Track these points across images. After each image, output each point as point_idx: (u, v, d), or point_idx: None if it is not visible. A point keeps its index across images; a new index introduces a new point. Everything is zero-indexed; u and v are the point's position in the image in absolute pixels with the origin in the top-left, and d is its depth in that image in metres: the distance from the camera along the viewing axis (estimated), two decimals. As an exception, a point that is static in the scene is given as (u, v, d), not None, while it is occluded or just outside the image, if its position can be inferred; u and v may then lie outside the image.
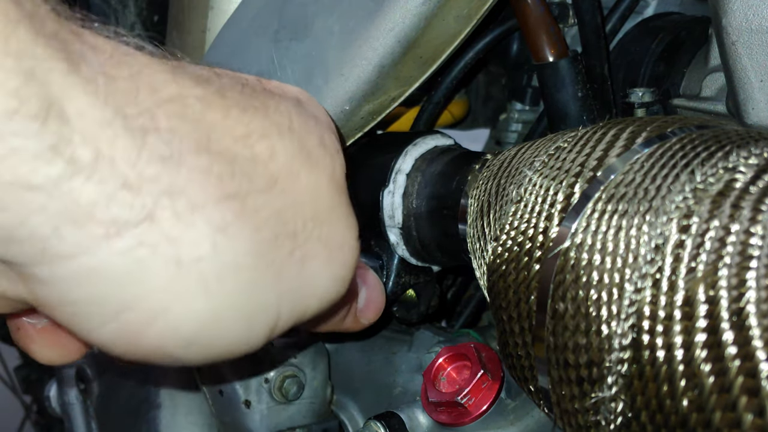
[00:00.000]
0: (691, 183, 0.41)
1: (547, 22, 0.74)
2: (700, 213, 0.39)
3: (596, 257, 0.42)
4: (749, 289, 0.35)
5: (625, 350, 0.40)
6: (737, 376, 0.35)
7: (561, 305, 0.43)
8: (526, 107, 0.97)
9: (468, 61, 0.80)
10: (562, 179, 0.46)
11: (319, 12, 0.68)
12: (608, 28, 0.80)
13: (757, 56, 0.58)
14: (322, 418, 0.77)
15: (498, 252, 0.49)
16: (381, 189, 0.68)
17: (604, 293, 0.41)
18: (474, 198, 0.57)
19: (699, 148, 0.43)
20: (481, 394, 0.64)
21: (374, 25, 0.65)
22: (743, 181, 0.39)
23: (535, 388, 0.47)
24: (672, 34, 0.79)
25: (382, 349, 0.79)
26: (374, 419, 0.67)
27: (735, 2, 0.58)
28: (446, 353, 0.68)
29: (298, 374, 0.74)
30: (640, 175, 0.43)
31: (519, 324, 0.47)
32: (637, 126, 0.47)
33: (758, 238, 0.36)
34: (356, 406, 0.79)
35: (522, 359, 0.47)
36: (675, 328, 0.37)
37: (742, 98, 0.60)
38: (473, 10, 0.67)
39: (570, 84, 0.74)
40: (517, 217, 0.48)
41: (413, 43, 0.65)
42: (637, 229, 0.41)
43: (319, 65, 0.68)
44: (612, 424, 0.41)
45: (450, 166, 0.65)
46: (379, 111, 0.70)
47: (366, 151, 0.72)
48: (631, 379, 0.40)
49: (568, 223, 0.44)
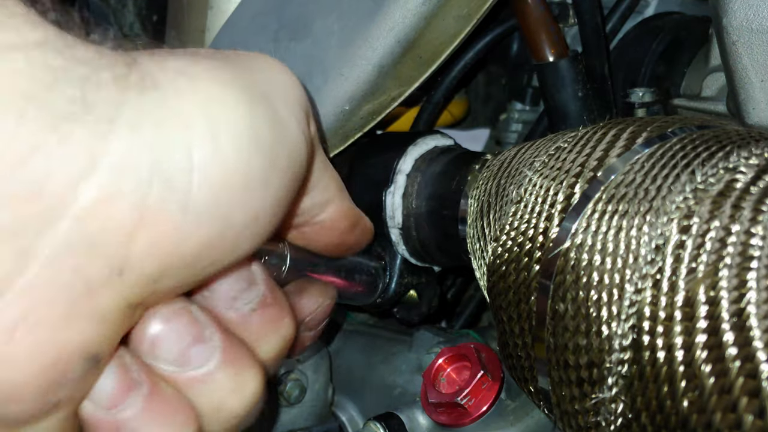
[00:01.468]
0: (692, 183, 0.41)
1: (547, 22, 0.74)
2: (701, 213, 0.39)
3: (596, 258, 0.42)
4: (750, 290, 0.35)
5: (626, 351, 0.40)
6: (738, 377, 0.35)
7: (561, 306, 0.43)
8: (526, 107, 0.97)
9: (468, 61, 0.80)
10: (562, 179, 0.46)
11: (319, 12, 0.68)
12: (608, 28, 0.80)
13: (757, 56, 0.58)
14: (322, 420, 0.77)
15: (498, 252, 0.49)
16: (383, 189, 0.68)
17: (605, 294, 0.41)
18: (474, 198, 0.57)
19: (699, 149, 0.43)
20: (481, 395, 0.64)
21: (374, 25, 0.65)
22: (744, 181, 0.39)
23: (535, 388, 0.47)
24: (672, 34, 0.79)
25: (382, 349, 0.79)
26: (374, 420, 0.67)
27: (735, 2, 0.58)
28: (446, 354, 0.68)
29: (301, 378, 0.74)
30: (640, 176, 0.43)
31: (519, 325, 0.47)
32: (637, 126, 0.47)
33: (759, 238, 0.36)
34: (356, 407, 0.79)
35: (522, 360, 0.47)
36: (675, 328, 0.37)
37: (742, 98, 0.60)
38: (473, 10, 0.67)
39: (570, 84, 0.74)
40: (517, 218, 0.48)
41: (413, 43, 0.65)
42: (637, 230, 0.41)
43: (319, 65, 0.68)
44: (612, 425, 0.41)
45: (450, 167, 0.65)
46: (379, 111, 0.70)
47: (366, 151, 0.72)
48: (632, 380, 0.40)
49: (569, 224, 0.44)
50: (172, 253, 0.35)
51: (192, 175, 0.35)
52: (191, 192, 0.35)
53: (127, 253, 0.34)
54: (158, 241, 0.34)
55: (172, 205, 0.34)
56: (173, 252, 0.35)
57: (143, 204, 0.33)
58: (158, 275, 0.35)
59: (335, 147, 0.70)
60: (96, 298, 0.34)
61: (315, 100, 0.68)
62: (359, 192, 0.71)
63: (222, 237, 0.36)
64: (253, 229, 0.38)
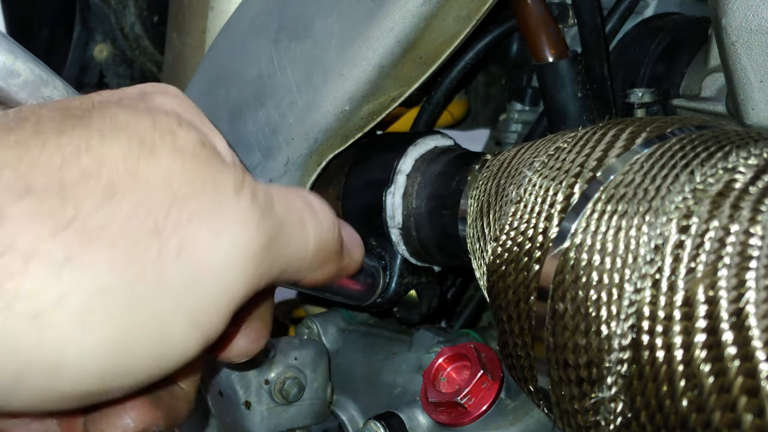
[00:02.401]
0: (691, 183, 0.41)
1: (547, 22, 0.74)
2: (700, 213, 0.39)
3: (596, 257, 0.42)
4: (749, 290, 0.35)
5: (625, 350, 0.40)
6: (737, 376, 0.35)
7: (561, 305, 0.43)
8: (526, 107, 0.97)
9: (468, 62, 0.80)
10: (561, 180, 0.46)
11: (319, 12, 0.68)
12: (608, 28, 0.80)
13: (756, 56, 0.58)
14: (322, 419, 0.77)
15: (498, 252, 0.49)
16: (383, 189, 0.68)
17: (604, 293, 0.41)
18: (474, 198, 0.57)
19: (699, 149, 0.43)
20: (481, 395, 0.64)
21: (374, 25, 0.65)
22: (743, 181, 0.39)
23: (534, 388, 0.47)
24: (672, 35, 0.79)
25: (382, 349, 0.79)
26: (374, 419, 0.67)
27: (735, 3, 0.58)
28: (446, 353, 0.68)
29: (299, 375, 0.74)
30: (639, 176, 0.43)
31: (519, 324, 0.47)
32: (636, 126, 0.47)
33: (758, 238, 0.36)
34: (356, 407, 0.79)
35: (522, 359, 0.47)
36: (674, 328, 0.37)
37: (741, 98, 0.60)
38: (473, 10, 0.67)
39: (570, 84, 0.74)
40: (517, 218, 0.48)
41: (413, 43, 0.65)
42: (636, 230, 0.41)
43: (319, 66, 0.68)
44: (612, 424, 0.41)
45: (450, 167, 0.65)
46: (379, 111, 0.70)
47: (366, 151, 0.72)
48: (631, 379, 0.40)
49: (568, 224, 0.44)
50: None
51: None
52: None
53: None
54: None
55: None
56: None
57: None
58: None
59: (335, 147, 0.71)
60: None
61: (315, 101, 0.68)
62: (359, 192, 0.71)
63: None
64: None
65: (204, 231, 0.35)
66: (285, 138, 0.71)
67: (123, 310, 0.33)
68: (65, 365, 0.32)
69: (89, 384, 0.33)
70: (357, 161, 0.72)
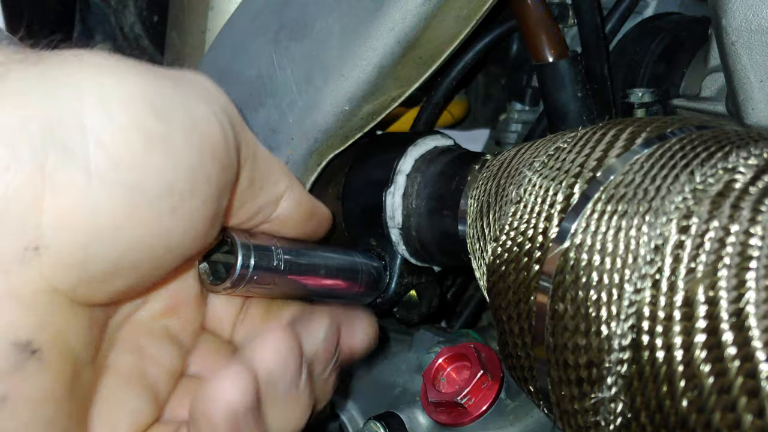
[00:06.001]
0: (691, 183, 0.41)
1: (547, 22, 0.74)
2: (700, 214, 0.39)
3: (596, 258, 0.42)
4: (749, 290, 0.35)
5: (625, 351, 0.40)
6: (737, 376, 0.35)
7: (561, 306, 0.43)
8: (526, 107, 0.97)
9: (468, 62, 0.80)
10: (561, 180, 0.46)
11: (319, 12, 0.68)
12: (608, 28, 0.80)
13: (756, 56, 0.58)
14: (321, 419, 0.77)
15: (498, 252, 0.49)
16: (384, 189, 0.68)
17: (604, 294, 0.41)
18: (474, 198, 0.57)
19: (698, 149, 0.43)
20: (481, 395, 0.64)
21: (374, 25, 0.65)
22: (743, 181, 0.39)
23: (534, 388, 0.47)
24: (672, 35, 0.79)
25: (382, 349, 0.79)
26: (374, 419, 0.67)
27: (735, 2, 0.58)
28: (446, 353, 0.68)
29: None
30: (639, 176, 0.43)
31: (519, 324, 0.47)
32: (636, 126, 0.47)
33: (758, 238, 0.36)
34: (356, 407, 0.79)
35: (522, 360, 0.47)
36: (675, 328, 0.37)
37: (741, 98, 0.60)
38: (473, 10, 0.67)
39: (570, 84, 0.74)
40: (517, 218, 0.48)
41: (413, 43, 0.65)
42: (636, 230, 0.41)
43: (319, 66, 0.68)
44: (612, 424, 0.41)
45: (450, 167, 0.65)
46: (379, 111, 0.70)
47: (366, 151, 0.72)
48: (631, 379, 0.40)
49: (568, 224, 0.44)
50: (85, 225, 0.34)
51: (86, 138, 0.34)
52: (89, 155, 0.34)
53: (38, 226, 0.33)
54: (67, 211, 0.34)
55: (72, 170, 0.34)
56: (87, 224, 0.34)
57: (42, 171, 0.33)
58: (81, 255, 0.35)
59: (335, 147, 0.71)
60: (12, 277, 0.33)
61: (315, 101, 0.68)
62: (359, 192, 0.71)
63: (136, 206, 0.36)
64: (169, 201, 0.37)
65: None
66: (285, 138, 0.71)
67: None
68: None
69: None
70: (357, 161, 0.72)
